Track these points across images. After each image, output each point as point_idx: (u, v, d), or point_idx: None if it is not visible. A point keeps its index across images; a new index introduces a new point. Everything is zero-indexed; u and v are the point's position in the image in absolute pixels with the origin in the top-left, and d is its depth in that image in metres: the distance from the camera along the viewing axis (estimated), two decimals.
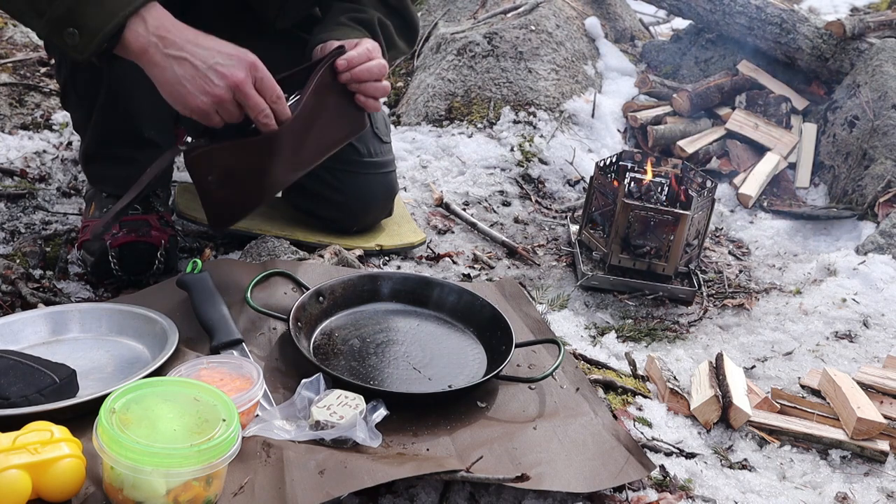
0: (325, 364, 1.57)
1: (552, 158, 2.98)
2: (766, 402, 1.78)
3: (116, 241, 1.86)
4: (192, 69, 1.48)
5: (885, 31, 3.34)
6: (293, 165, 1.72)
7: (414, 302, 1.82)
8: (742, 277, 2.52)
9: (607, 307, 2.26)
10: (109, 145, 1.90)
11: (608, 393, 1.74)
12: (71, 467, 1.18)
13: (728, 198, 2.99)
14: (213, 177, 1.60)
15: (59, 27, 1.43)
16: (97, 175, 1.97)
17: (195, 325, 1.61)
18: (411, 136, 3.02)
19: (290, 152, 1.67)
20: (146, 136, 1.90)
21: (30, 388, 1.33)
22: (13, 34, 3.12)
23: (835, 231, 2.80)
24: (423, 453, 1.40)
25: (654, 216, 2.30)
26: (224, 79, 1.49)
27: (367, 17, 1.87)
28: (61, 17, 1.42)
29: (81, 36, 1.43)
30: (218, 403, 1.26)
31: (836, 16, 4.67)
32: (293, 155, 1.69)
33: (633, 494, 1.45)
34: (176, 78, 1.48)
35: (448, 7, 3.87)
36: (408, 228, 2.35)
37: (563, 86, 3.27)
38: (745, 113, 3.25)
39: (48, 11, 1.42)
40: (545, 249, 2.51)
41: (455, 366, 1.65)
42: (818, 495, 1.56)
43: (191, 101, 1.49)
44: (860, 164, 2.92)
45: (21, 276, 1.86)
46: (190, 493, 1.18)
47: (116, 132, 1.88)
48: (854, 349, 2.11)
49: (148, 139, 1.91)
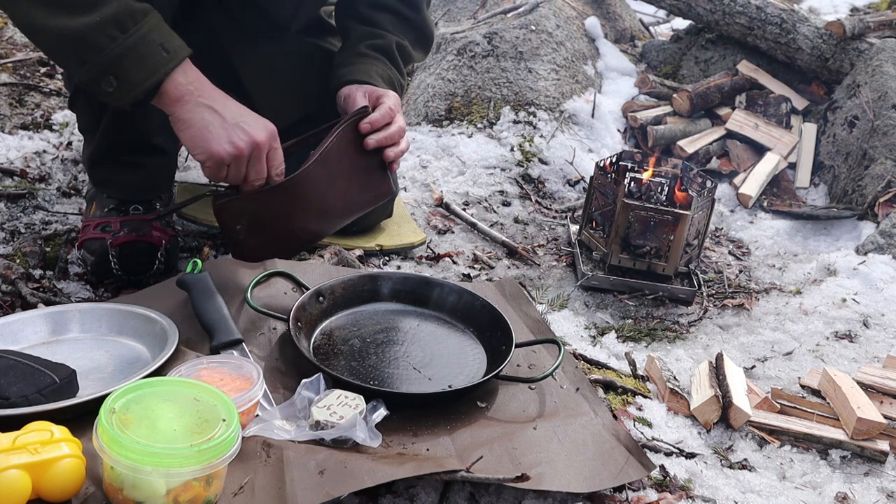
0: (325, 364, 1.57)
1: (552, 158, 2.98)
2: (766, 402, 1.78)
3: (117, 241, 1.86)
4: (222, 120, 1.56)
5: (885, 31, 3.34)
6: (320, 214, 1.77)
7: (414, 302, 1.82)
8: (742, 277, 2.52)
9: (607, 307, 2.26)
10: (117, 150, 1.91)
11: (608, 393, 1.74)
12: (71, 467, 1.18)
13: (728, 198, 2.99)
14: (242, 225, 1.67)
15: (99, 76, 1.49)
16: (101, 178, 1.97)
17: (195, 325, 1.61)
18: (411, 136, 3.02)
19: (315, 202, 1.73)
20: (154, 142, 1.92)
21: (30, 388, 1.33)
22: (13, 34, 3.12)
23: (835, 231, 2.80)
24: (423, 453, 1.40)
25: (654, 216, 2.30)
26: (248, 136, 1.58)
27: (386, 44, 1.95)
28: (103, 67, 1.48)
29: (120, 86, 1.50)
30: (218, 403, 1.26)
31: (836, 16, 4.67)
32: (319, 204, 1.75)
33: (633, 494, 1.45)
34: (205, 123, 1.55)
35: (448, 7, 3.87)
36: (408, 228, 2.35)
37: (563, 86, 3.27)
38: (745, 113, 3.25)
39: (90, 61, 1.48)
40: (545, 249, 2.51)
41: (455, 366, 1.65)
42: (818, 495, 1.56)
43: (214, 147, 1.56)
44: (860, 164, 2.92)
45: (21, 276, 1.85)
46: (190, 493, 1.18)
47: (125, 138, 1.89)
48: (854, 349, 2.11)
49: (155, 146, 1.93)
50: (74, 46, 1.47)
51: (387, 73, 1.92)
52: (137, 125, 1.86)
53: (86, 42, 1.46)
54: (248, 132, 1.58)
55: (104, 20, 1.46)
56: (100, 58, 1.47)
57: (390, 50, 1.96)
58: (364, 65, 1.89)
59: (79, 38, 1.46)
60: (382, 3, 2.01)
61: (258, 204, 1.65)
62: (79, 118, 1.98)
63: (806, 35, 3.32)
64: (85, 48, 1.47)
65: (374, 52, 1.93)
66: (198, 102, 1.55)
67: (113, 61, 1.48)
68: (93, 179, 2.00)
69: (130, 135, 1.88)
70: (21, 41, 3.09)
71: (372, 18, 1.99)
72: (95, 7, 1.46)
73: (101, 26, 1.45)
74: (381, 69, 1.91)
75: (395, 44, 1.97)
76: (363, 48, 1.93)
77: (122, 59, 1.48)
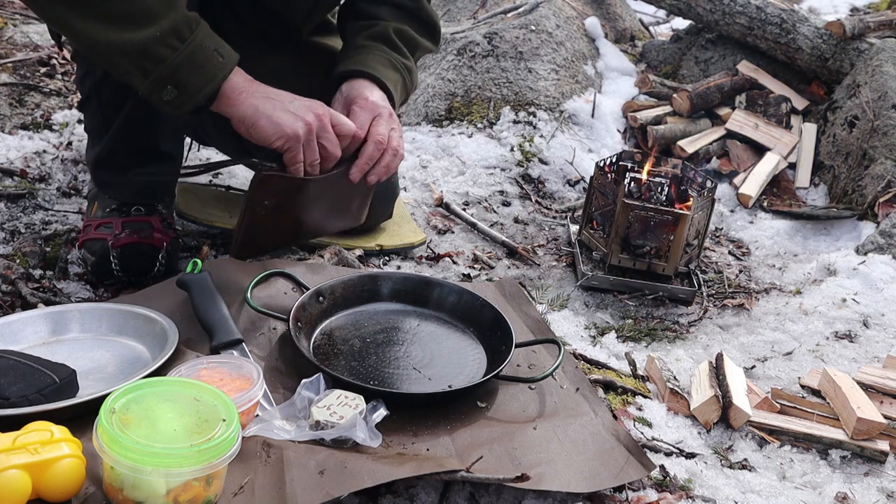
0: (325, 364, 1.57)
1: (552, 158, 2.98)
2: (766, 402, 1.78)
3: (118, 242, 1.86)
4: (282, 104, 1.62)
5: (885, 31, 3.34)
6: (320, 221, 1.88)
7: (414, 302, 1.82)
8: (742, 277, 2.52)
9: (607, 307, 2.26)
10: (123, 154, 1.91)
11: (608, 393, 1.74)
12: (71, 467, 1.18)
13: (728, 198, 2.99)
14: (269, 202, 1.71)
15: (161, 86, 1.51)
16: (105, 181, 1.96)
17: (195, 325, 1.61)
18: (411, 136, 3.02)
19: (325, 207, 1.83)
20: (163, 149, 1.93)
21: (30, 388, 1.33)
22: (13, 34, 3.12)
23: (835, 231, 2.80)
24: (423, 453, 1.40)
25: (654, 216, 2.30)
26: (310, 111, 1.64)
27: (382, 31, 1.94)
28: (165, 77, 1.50)
29: (180, 94, 1.53)
30: (218, 403, 1.26)
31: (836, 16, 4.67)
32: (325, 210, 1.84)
33: (633, 494, 1.45)
34: (270, 111, 1.61)
35: (448, 7, 3.87)
36: (408, 228, 2.35)
37: (563, 86, 3.27)
38: (745, 113, 3.25)
39: (154, 72, 1.50)
40: (545, 249, 2.51)
41: (455, 366, 1.65)
42: (818, 495, 1.56)
43: (288, 128, 1.61)
44: (860, 164, 2.92)
45: (21, 276, 1.86)
46: (190, 493, 1.18)
47: (134, 143, 1.89)
48: (854, 349, 2.11)
49: (163, 152, 1.93)
50: (138, 60, 1.48)
51: (386, 59, 1.89)
52: (148, 132, 1.87)
53: (148, 55, 1.48)
54: (309, 107, 1.64)
55: (165, 32, 1.48)
56: (162, 68, 1.49)
57: (387, 35, 1.94)
58: (361, 55, 1.88)
59: (141, 51, 1.47)
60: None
61: (298, 187, 1.70)
62: (86, 118, 1.98)
63: (806, 35, 3.32)
64: (148, 60, 1.48)
65: (371, 41, 1.92)
66: (256, 96, 1.60)
67: (174, 71, 1.50)
68: (96, 180, 1.99)
69: (139, 140, 1.89)
70: (21, 41, 3.09)
71: (369, 12, 1.98)
72: (155, 19, 1.47)
73: (162, 38, 1.48)
74: (378, 57, 1.89)
75: (391, 29, 1.95)
76: (361, 40, 1.93)
77: (183, 68, 1.50)
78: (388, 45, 1.92)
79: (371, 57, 1.87)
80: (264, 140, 1.62)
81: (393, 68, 1.88)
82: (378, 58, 1.88)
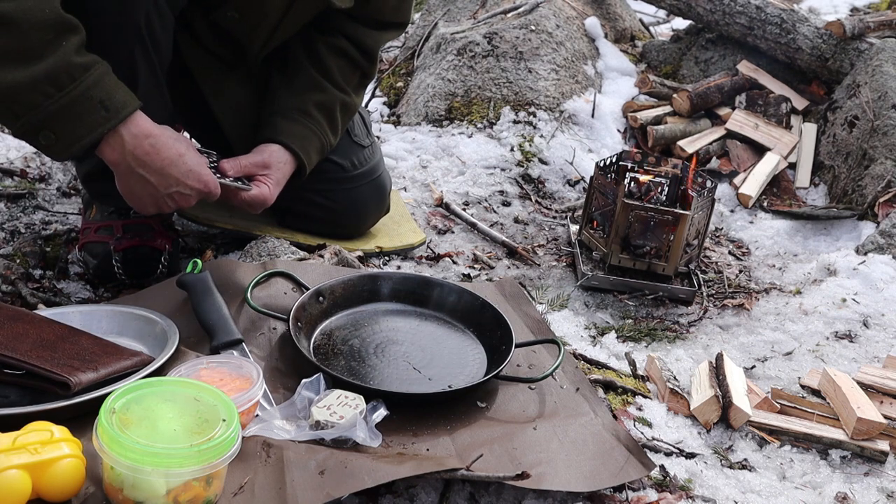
0: (325, 364, 1.57)
1: (552, 158, 2.98)
2: (766, 402, 1.78)
3: (120, 245, 1.86)
4: (154, 191, 1.61)
5: (885, 31, 3.34)
6: None
7: (414, 302, 1.82)
8: (742, 277, 2.52)
9: (607, 307, 2.26)
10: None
11: (608, 393, 1.74)
12: (71, 467, 1.18)
13: (728, 198, 2.98)
14: None
15: (35, 131, 1.46)
16: (100, 191, 1.92)
17: (195, 325, 1.61)
18: (411, 136, 3.02)
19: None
20: None
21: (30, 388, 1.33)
22: None
23: (835, 231, 2.80)
24: (423, 453, 1.40)
25: (654, 216, 2.30)
26: (176, 203, 1.66)
27: (329, 102, 1.96)
28: (38, 123, 1.44)
29: (59, 141, 1.47)
30: (218, 403, 1.26)
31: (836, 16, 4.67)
32: None
33: (633, 494, 1.45)
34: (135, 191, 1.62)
35: (448, 7, 3.87)
36: (408, 229, 2.35)
37: (563, 86, 3.27)
38: (745, 113, 3.25)
39: (24, 117, 1.44)
40: (545, 249, 2.51)
41: (455, 366, 1.65)
42: (818, 495, 1.56)
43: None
44: (860, 164, 2.92)
45: (21, 276, 1.86)
46: (190, 493, 1.18)
47: None
48: (854, 349, 2.11)
49: None
50: (7, 101, 1.41)
51: (318, 144, 1.92)
52: None
53: (17, 99, 1.41)
54: (179, 201, 1.64)
55: (38, 78, 1.40)
56: (33, 115, 1.43)
57: (332, 110, 1.95)
58: (298, 127, 1.89)
59: (10, 94, 1.40)
60: (342, 49, 1.98)
61: None
62: None
63: (806, 35, 3.32)
64: (17, 105, 1.42)
65: (317, 112, 1.92)
66: (133, 172, 1.57)
67: (47, 119, 1.43)
68: (90, 193, 1.97)
69: None
70: None
71: (324, 63, 1.96)
72: (30, 62, 1.39)
73: (34, 84, 1.40)
74: (314, 141, 1.91)
75: (339, 103, 1.96)
76: (309, 106, 1.92)
77: (58, 117, 1.43)
78: (329, 121, 1.94)
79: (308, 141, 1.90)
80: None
81: (320, 153, 1.94)
82: (314, 143, 1.91)
